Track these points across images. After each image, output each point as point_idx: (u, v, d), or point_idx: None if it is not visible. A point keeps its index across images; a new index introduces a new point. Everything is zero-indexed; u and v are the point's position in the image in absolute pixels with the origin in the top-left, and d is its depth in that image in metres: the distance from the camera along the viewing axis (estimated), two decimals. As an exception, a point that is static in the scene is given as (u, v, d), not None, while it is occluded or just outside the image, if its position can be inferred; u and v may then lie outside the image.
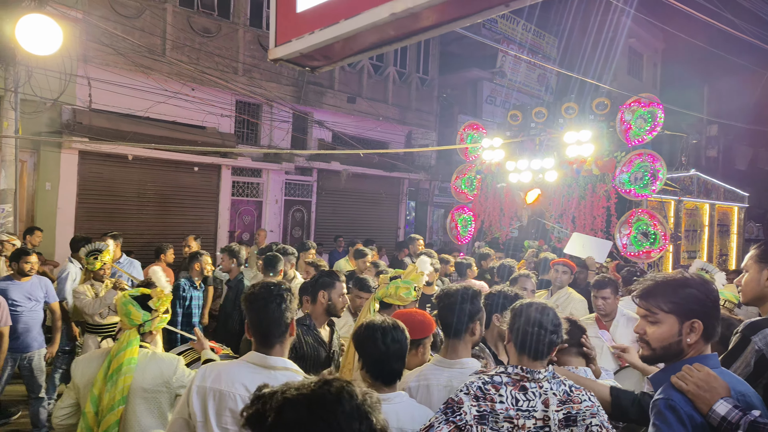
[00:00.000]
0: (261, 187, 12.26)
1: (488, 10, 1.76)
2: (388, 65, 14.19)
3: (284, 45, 2.07)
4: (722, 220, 10.61)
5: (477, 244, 9.05)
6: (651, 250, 6.88)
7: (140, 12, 9.71)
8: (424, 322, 2.77)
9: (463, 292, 2.56)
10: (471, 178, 9.40)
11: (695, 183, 9.48)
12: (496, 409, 1.96)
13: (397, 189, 15.20)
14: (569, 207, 7.80)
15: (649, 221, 6.93)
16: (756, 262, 2.31)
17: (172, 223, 10.55)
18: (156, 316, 2.81)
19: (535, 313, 2.12)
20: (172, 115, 10.17)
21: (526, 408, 1.97)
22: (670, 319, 1.84)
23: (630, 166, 7.16)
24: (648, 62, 21.37)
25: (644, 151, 7.09)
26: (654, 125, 7.05)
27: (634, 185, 7.11)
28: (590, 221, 7.57)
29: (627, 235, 7.12)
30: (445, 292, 2.63)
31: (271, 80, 11.61)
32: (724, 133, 21.16)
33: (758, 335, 2.12)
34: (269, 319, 2.17)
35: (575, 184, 7.76)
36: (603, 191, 7.48)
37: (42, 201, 8.96)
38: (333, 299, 3.38)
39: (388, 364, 2.22)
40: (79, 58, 8.90)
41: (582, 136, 7.16)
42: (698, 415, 1.66)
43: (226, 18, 11.07)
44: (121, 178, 9.85)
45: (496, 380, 2.03)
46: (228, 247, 5.93)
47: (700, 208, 9.72)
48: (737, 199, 11.14)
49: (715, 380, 1.68)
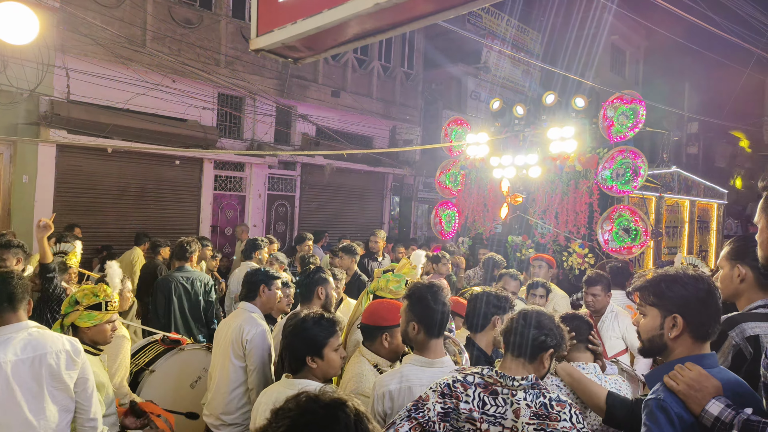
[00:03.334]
0: (244, 182, 12.16)
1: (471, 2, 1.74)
2: (372, 59, 14.13)
3: (266, 35, 2.03)
4: (702, 216, 10.75)
5: (461, 239, 9.06)
6: (632, 246, 6.92)
7: (120, 1, 9.53)
8: (392, 310, 2.74)
9: (443, 291, 2.47)
10: (455, 173, 9.40)
11: (676, 180, 9.58)
12: (459, 408, 1.91)
13: (382, 184, 15.18)
14: (552, 203, 7.83)
15: (631, 217, 6.97)
16: (728, 260, 2.34)
17: (153, 217, 10.41)
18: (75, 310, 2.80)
19: (529, 312, 2.10)
20: (153, 107, 10.01)
21: (493, 413, 1.89)
22: (653, 312, 1.87)
23: (612, 163, 7.19)
24: (631, 59, 21.57)
25: (626, 148, 7.11)
26: (636, 122, 7.09)
27: (616, 181, 7.14)
28: (573, 217, 7.60)
29: (609, 231, 7.16)
30: (431, 291, 2.44)
31: (254, 73, 11.49)
32: (704, 130, 21.46)
33: (735, 330, 2.15)
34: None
35: (558, 180, 7.79)
36: (585, 187, 7.51)
37: (19, 194, 8.78)
38: (329, 294, 3.51)
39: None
40: (56, 47, 8.71)
41: (565, 132, 7.18)
42: (688, 415, 1.66)
43: (207, 9, 10.92)
44: (100, 171, 9.69)
45: (468, 380, 1.98)
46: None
47: (680, 204, 9.83)
48: (717, 196, 11.29)
49: (707, 379, 1.67)
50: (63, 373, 2.45)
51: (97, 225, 9.60)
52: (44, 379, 2.41)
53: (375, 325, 2.74)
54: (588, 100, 7.60)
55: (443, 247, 8.29)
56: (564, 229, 7.66)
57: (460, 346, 2.99)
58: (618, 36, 19.97)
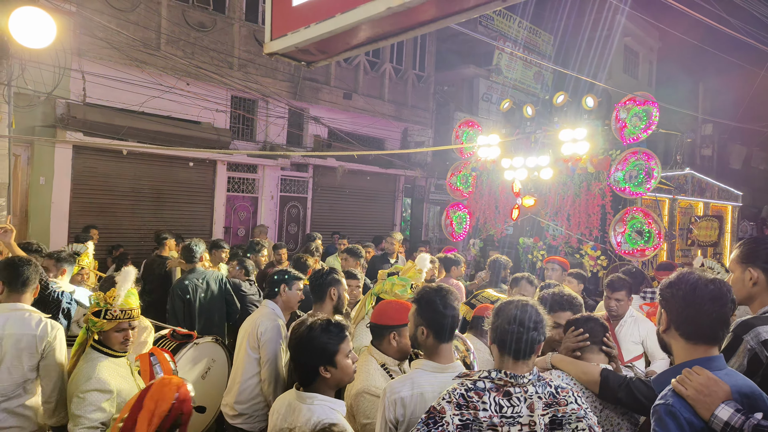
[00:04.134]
0: (257, 183, 12.23)
1: (484, 5, 1.76)
2: (384, 62, 14.16)
3: (280, 39, 2.06)
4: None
5: (472, 241, 9.04)
6: (645, 248, 6.85)
7: (135, 5, 9.65)
8: (400, 309, 2.74)
9: (453, 294, 2.45)
10: (466, 175, 9.38)
11: (689, 181, 9.50)
12: (479, 417, 1.91)
13: (393, 186, 15.19)
14: (564, 205, 7.79)
15: (644, 219, 6.90)
16: (739, 263, 2.31)
17: (167, 218, 10.51)
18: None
19: (515, 311, 2.06)
20: (167, 109, 10.12)
21: (511, 414, 1.92)
22: (660, 309, 1.96)
23: (625, 165, 7.13)
24: (644, 60, 21.41)
25: (639, 150, 7.02)
26: (649, 123, 7.01)
27: (628, 183, 7.07)
28: (585, 219, 7.54)
29: (621, 233, 7.09)
30: (441, 295, 2.42)
31: (267, 75, 11.57)
32: (718, 131, 21.25)
33: (750, 334, 2.11)
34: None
35: (570, 182, 7.74)
36: (598, 189, 7.45)
37: (36, 195, 8.91)
38: (341, 295, 3.52)
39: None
40: (73, 51, 8.84)
41: (577, 134, 7.14)
42: (698, 420, 1.64)
43: (221, 12, 11.02)
44: (115, 172, 9.80)
45: (479, 386, 1.97)
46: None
47: (694, 206, 9.74)
48: (731, 198, 11.17)
49: (716, 384, 1.66)
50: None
51: (112, 226, 9.71)
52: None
53: (383, 325, 2.76)
54: (598, 100, 7.53)
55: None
56: (576, 231, 7.62)
57: (467, 344, 2.99)
58: (631, 37, 19.84)
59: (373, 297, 3.47)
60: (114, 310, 2.84)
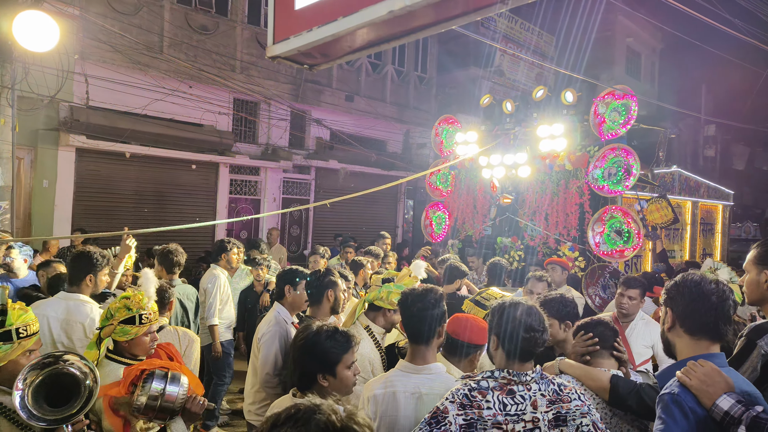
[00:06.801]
0: (259, 185, 12.25)
1: (486, 8, 1.76)
2: (386, 63, 14.17)
3: (282, 42, 2.06)
4: (706, 218, 10.27)
5: (450, 242, 8.78)
6: (624, 249, 6.47)
7: (137, 9, 9.68)
8: (485, 329, 2.69)
9: (430, 296, 2.50)
10: (445, 174, 9.07)
11: (677, 180, 9.17)
12: (483, 416, 1.92)
13: (396, 188, 15.19)
14: (542, 204, 7.54)
15: (623, 219, 6.54)
16: (755, 264, 2.29)
17: (170, 221, 10.53)
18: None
19: (523, 316, 2.07)
20: (170, 112, 10.14)
21: (515, 412, 1.94)
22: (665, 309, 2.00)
23: (603, 161, 6.74)
24: (646, 61, 21.38)
25: (618, 146, 6.68)
26: (628, 118, 6.64)
27: (607, 181, 6.70)
28: (563, 219, 7.24)
29: (600, 234, 6.71)
30: (411, 298, 2.52)
31: (269, 78, 11.59)
32: (721, 132, 21.20)
33: (764, 339, 2.13)
34: None
35: (548, 180, 7.41)
36: (576, 187, 7.12)
37: (39, 198, 8.94)
38: (337, 297, 3.51)
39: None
40: (76, 54, 8.87)
41: (555, 129, 6.83)
42: (701, 409, 1.69)
43: (223, 15, 11.04)
44: (118, 175, 9.83)
45: (483, 386, 1.99)
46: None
47: (682, 205, 9.38)
48: (722, 197, 10.78)
49: (719, 375, 1.70)
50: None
51: (115, 229, 9.72)
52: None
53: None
54: (578, 95, 7.23)
55: (432, 250, 8.13)
56: (554, 231, 7.34)
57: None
58: (633, 38, 19.82)
59: (366, 304, 3.46)
60: (148, 313, 2.68)
